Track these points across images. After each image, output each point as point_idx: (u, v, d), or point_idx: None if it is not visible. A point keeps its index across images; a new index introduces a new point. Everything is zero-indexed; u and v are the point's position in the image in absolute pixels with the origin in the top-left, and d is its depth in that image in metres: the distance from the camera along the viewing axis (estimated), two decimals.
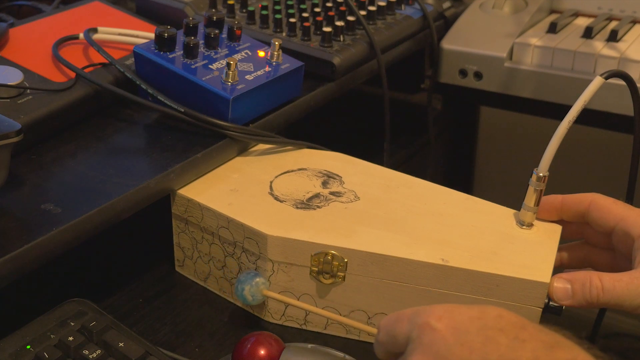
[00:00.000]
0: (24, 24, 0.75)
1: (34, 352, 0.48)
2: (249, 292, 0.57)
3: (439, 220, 0.59)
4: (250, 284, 0.57)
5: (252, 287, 0.57)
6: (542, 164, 0.57)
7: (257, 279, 0.57)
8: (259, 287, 0.57)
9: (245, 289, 0.57)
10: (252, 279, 0.57)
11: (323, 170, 0.66)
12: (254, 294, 0.57)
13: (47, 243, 0.50)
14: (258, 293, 0.57)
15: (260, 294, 0.57)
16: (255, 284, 0.57)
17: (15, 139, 0.53)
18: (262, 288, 0.57)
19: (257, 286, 0.57)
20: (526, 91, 0.91)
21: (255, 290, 0.57)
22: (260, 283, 0.57)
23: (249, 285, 0.57)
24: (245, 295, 0.57)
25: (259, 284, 0.57)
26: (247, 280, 0.57)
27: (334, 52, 0.78)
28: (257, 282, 0.57)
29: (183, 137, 0.65)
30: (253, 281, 0.57)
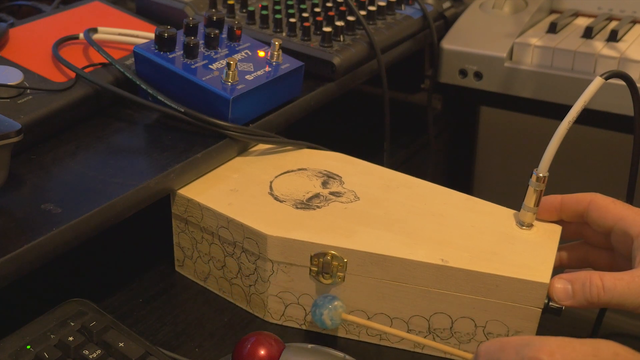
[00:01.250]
0: (24, 24, 0.75)
1: (34, 352, 0.48)
2: (327, 316, 0.55)
3: (438, 221, 0.59)
4: (328, 307, 0.55)
5: (331, 311, 0.55)
6: (542, 165, 0.57)
7: (335, 302, 0.56)
8: (337, 311, 0.55)
9: (324, 313, 0.55)
10: (330, 302, 0.55)
11: (323, 170, 0.66)
12: (333, 318, 0.55)
13: (47, 243, 0.50)
14: (337, 317, 0.55)
15: (339, 318, 0.56)
16: (333, 307, 0.55)
17: (15, 139, 0.53)
18: (340, 311, 0.55)
19: (335, 310, 0.55)
20: (526, 91, 0.91)
21: (334, 314, 0.55)
22: (338, 306, 0.55)
23: (327, 310, 0.55)
24: (324, 320, 0.55)
25: (337, 308, 0.55)
26: (325, 304, 0.55)
27: (334, 52, 0.78)
28: (335, 305, 0.55)
29: (183, 137, 0.65)
30: (331, 305, 0.55)
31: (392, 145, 0.88)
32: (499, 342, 0.41)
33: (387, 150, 0.87)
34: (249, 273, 0.60)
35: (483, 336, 0.56)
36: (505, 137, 1.24)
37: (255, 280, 0.60)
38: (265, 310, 0.60)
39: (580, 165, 1.15)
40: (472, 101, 1.10)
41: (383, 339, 0.59)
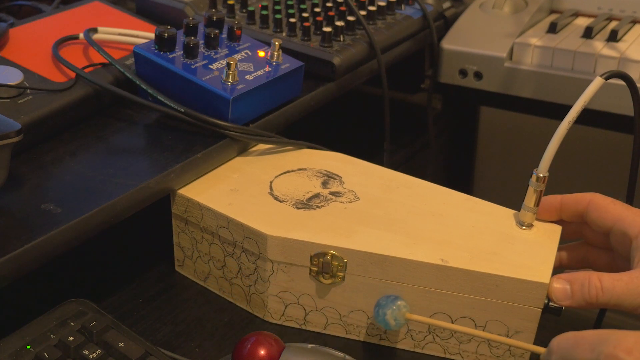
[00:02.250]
0: (24, 24, 0.76)
1: (34, 352, 0.48)
2: (391, 316, 0.54)
3: (438, 221, 0.59)
4: (392, 307, 0.54)
5: (394, 311, 0.54)
6: (541, 165, 0.57)
7: (398, 302, 0.54)
8: (401, 311, 0.54)
9: (387, 313, 0.54)
10: (393, 302, 0.54)
11: (323, 170, 0.66)
12: (397, 318, 0.54)
13: (47, 243, 0.50)
14: (401, 317, 0.54)
15: (404, 318, 0.54)
16: (397, 307, 0.54)
17: (15, 139, 0.53)
18: (404, 311, 0.54)
19: (399, 309, 0.54)
20: (526, 91, 0.91)
21: (397, 314, 0.54)
22: (402, 306, 0.54)
23: (390, 310, 0.54)
24: (387, 320, 0.54)
25: (400, 307, 0.54)
26: (388, 304, 0.54)
27: (334, 52, 0.78)
28: (398, 305, 0.54)
29: (183, 137, 0.65)
30: (394, 305, 0.54)
31: (392, 145, 0.88)
32: (573, 338, 0.40)
33: (387, 150, 0.87)
34: (249, 273, 0.60)
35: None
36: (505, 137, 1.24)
37: (255, 280, 0.60)
38: (265, 310, 0.60)
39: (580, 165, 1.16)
40: (472, 101, 1.10)
41: (383, 339, 0.59)
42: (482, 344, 0.57)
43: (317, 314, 0.59)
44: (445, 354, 0.58)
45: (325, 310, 0.59)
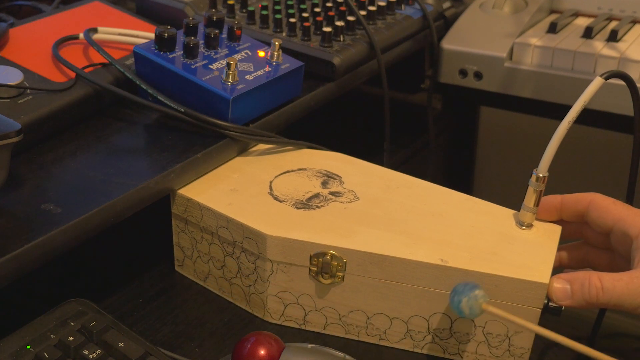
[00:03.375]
0: (24, 24, 0.76)
1: (34, 352, 0.48)
2: (466, 305, 0.52)
3: (438, 221, 0.59)
4: (469, 295, 0.52)
5: (471, 299, 0.52)
6: (541, 165, 0.57)
7: (476, 291, 0.52)
8: (477, 300, 0.52)
9: (463, 301, 0.52)
10: (471, 290, 0.52)
11: (323, 170, 0.66)
12: (472, 307, 0.52)
13: (47, 243, 0.50)
14: (477, 307, 0.52)
15: (479, 308, 0.52)
16: (474, 296, 0.52)
17: (15, 139, 0.53)
18: (481, 301, 0.52)
19: (475, 299, 0.52)
20: (526, 91, 0.91)
21: (474, 303, 0.52)
22: (479, 296, 0.52)
23: (467, 297, 0.52)
24: (462, 308, 0.52)
25: (477, 297, 0.52)
26: (465, 292, 0.52)
27: (334, 52, 0.78)
28: (476, 294, 0.52)
29: (183, 137, 0.65)
30: (472, 293, 0.52)
31: (392, 145, 0.88)
32: None
33: (387, 150, 0.87)
34: (249, 273, 0.60)
35: (482, 336, 0.56)
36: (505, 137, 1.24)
37: (254, 280, 0.60)
38: (265, 310, 0.60)
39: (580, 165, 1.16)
40: (472, 101, 1.10)
41: (382, 339, 0.59)
42: (481, 344, 0.57)
43: (317, 314, 0.59)
44: (444, 354, 0.58)
45: (324, 310, 0.59)
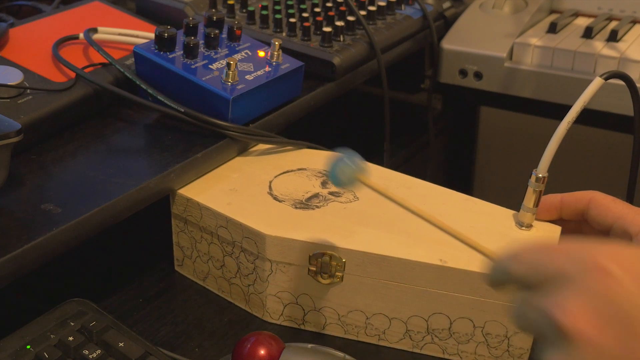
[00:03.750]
0: (24, 24, 0.76)
1: (34, 352, 0.48)
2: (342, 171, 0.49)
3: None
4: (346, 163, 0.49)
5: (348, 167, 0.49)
6: (541, 165, 0.57)
7: (357, 160, 0.49)
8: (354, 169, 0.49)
9: (341, 166, 0.49)
10: (350, 159, 0.49)
11: (322, 170, 0.66)
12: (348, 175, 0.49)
13: (47, 243, 0.51)
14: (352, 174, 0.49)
15: (354, 177, 0.49)
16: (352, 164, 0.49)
17: (15, 139, 0.53)
18: (357, 171, 0.49)
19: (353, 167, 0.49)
20: (526, 91, 0.91)
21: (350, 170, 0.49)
22: (357, 164, 0.49)
23: (344, 165, 0.49)
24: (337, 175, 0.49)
25: (356, 165, 0.49)
26: (343, 160, 0.49)
27: (334, 52, 0.78)
28: (356, 162, 0.49)
29: (183, 137, 0.65)
30: (350, 161, 0.49)
31: (392, 145, 0.88)
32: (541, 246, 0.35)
33: (387, 150, 0.87)
34: (248, 273, 0.60)
35: (482, 337, 0.56)
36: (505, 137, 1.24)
37: (254, 280, 0.60)
38: (264, 310, 0.60)
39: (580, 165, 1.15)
40: (472, 101, 1.10)
41: (382, 339, 0.59)
42: (481, 345, 0.57)
43: (316, 314, 0.59)
44: (444, 355, 0.58)
45: (323, 310, 0.59)
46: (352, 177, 0.50)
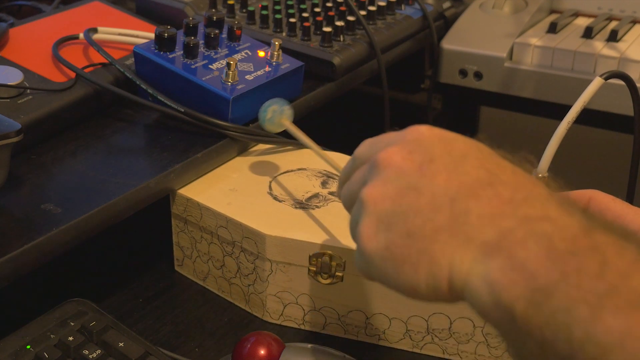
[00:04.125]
0: (24, 24, 0.76)
1: (34, 352, 0.48)
2: (271, 110, 0.61)
3: None
4: (277, 106, 0.61)
5: (277, 110, 0.61)
6: (541, 165, 0.57)
7: (285, 106, 0.61)
8: (281, 113, 0.61)
9: (272, 107, 0.61)
10: (282, 104, 0.61)
11: (322, 170, 0.67)
12: (274, 116, 0.61)
13: (47, 243, 0.51)
14: (277, 117, 0.61)
15: (279, 120, 0.61)
16: (280, 109, 0.61)
17: (15, 139, 0.53)
18: (283, 115, 0.61)
19: (281, 112, 0.61)
20: (526, 91, 0.91)
21: (277, 114, 0.61)
22: (285, 110, 0.61)
23: (276, 106, 0.61)
24: (266, 110, 0.61)
25: (283, 111, 0.61)
26: (276, 102, 0.61)
27: (334, 52, 0.78)
28: (283, 108, 0.61)
29: (183, 137, 0.65)
30: (282, 106, 0.61)
31: None
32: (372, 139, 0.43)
33: None
34: (248, 273, 0.60)
35: (482, 337, 0.56)
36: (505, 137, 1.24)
37: (254, 280, 0.60)
38: (264, 309, 0.60)
39: (580, 165, 1.15)
40: (472, 101, 1.10)
41: (382, 339, 0.59)
42: (481, 345, 0.57)
43: (316, 313, 0.59)
44: (444, 355, 0.58)
45: (323, 310, 0.59)
46: (279, 120, 0.61)
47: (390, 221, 0.36)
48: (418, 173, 0.36)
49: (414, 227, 0.35)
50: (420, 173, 0.36)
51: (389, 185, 0.37)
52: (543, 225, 0.32)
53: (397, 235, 0.36)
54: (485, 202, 0.34)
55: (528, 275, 0.31)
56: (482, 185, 0.35)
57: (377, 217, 0.37)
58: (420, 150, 0.37)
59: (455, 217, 0.34)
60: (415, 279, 0.35)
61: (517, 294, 0.31)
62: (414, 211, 0.35)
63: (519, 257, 0.32)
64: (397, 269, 0.36)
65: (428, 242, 0.35)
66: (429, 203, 0.35)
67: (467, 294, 0.34)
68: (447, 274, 0.34)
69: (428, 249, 0.35)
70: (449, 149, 0.38)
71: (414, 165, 0.37)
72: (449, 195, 0.35)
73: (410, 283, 0.36)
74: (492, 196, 0.34)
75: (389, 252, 0.36)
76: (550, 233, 0.32)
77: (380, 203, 0.37)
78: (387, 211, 0.37)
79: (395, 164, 0.37)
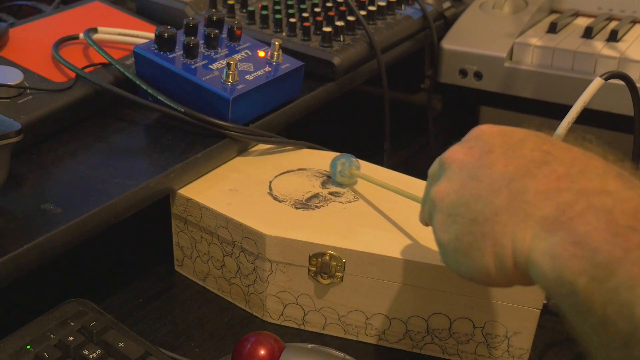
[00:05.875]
0: (24, 24, 0.76)
1: (34, 352, 0.48)
2: (340, 164, 0.63)
3: None
4: (344, 160, 0.63)
5: (345, 163, 0.63)
6: None
7: (352, 159, 0.63)
8: (350, 166, 0.63)
9: (340, 161, 0.63)
10: (349, 158, 0.63)
11: (323, 170, 0.67)
12: (343, 170, 0.63)
13: (47, 243, 0.51)
14: (346, 170, 0.63)
15: (349, 172, 0.63)
16: (349, 161, 0.63)
17: (15, 139, 0.53)
18: (352, 167, 0.63)
19: (349, 164, 0.63)
20: (526, 91, 0.91)
21: (346, 166, 0.63)
22: (353, 162, 0.63)
23: (344, 159, 0.63)
24: (335, 164, 0.63)
25: (352, 162, 0.63)
26: (344, 157, 0.63)
27: (334, 52, 0.78)
28: (351, 160, 0.63)
29: (183, 137, 0.65)
30: (349, 159, 0.63)
31: (392, 146, 0.88)
32: None
33: (387, 150, 0.87)
34: (248, 273, 0.60)
35: (482, 337, 0.57)
36: None
37: (254, 280, 0.60)
38: (264, 310, 0.60)
39: None
40: (472, 101, 1.10)
41: (382, 339, 0.59)
42: (481, 345, 0.57)
43: (316, 314, 0.59)
44: (444, 355, 0.58)
45: (323, 311, 0.59)
46: (348, 171, 0.63)
47: (456, 212, 0.38)
48: (478, 163, 0.38)
49: (476, 213, 0.37)
50: (480, 163, 0.38)
51: (453, 180, 0.39)
52: (602, 199, 0.33)
53: (463, 224, 0.38)
54: (541, 179, 0.35)
55: (589, 251, 0.31)
56: (537, 165, 0.36)
57: (445, 211, 0.39)
58: (480, 144, 0.40)
59: (513, 197, 0.35)
60: (484, 263, 0.37)
61: (579, 269, 0.32)
62: (475, 198, 0.37)
63: (580, 231, 0.32)
64: (468, 256, 0.38)
65: (490, 225, 0.36)
66: (488, 188, 0.37)
67: (531, 270, 0.35)
68: (511, 253, 0.35)
69: (491, 231, 0.36)
70: (507, 139, 0.39)
71: (474, 158, 0.39)
72: (506, 178, 0.36)
73: (481, 268, 0.37)
74: (547, 173, 0.35)
75: (459, 241, 0.38)
76: (610, 207, 0.32)
77: (446, 197, 0.39)
78: (452, 203, 0.39)
79: (458, 159, 0.40)
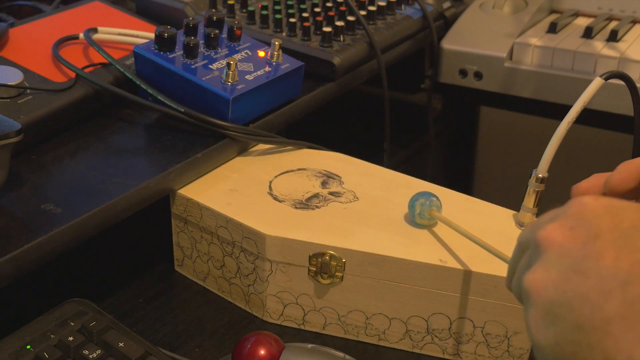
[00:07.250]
0: (24, 24, 0.76)
1: (34, 352, 0.48)
2: (419, 205, 0.58)
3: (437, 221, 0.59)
4: (424, 199, 0.58)
5: (425, 204, 0.58)
6: (541, 165, 0.57)
7: (432, 198, 0.58)
8: (431, 206, 0.58)
9: (419, 201, 0.58)
10: (428, 197, 0.58)
11: (323, 170, 0.67)
12: (422, 211, 0.58)
13: (47, 243, 0.51)
14: (426, 211, 0.58)
15: (428, 213, 0.58)
16: (428, 202, 0.58)
17: (15, 139, 0.53)
18: (433, 208, 0.58)
19: (429, 205, 0.58)
20: (526, 91, 0.91)
21: (426, 207, 0.58)
22: (433, 202, 0.58)
23: (423, 199, 0.58)
24: (415, 205, 0.58)
25: (432, 203, 0.58)
26: (424, 196, 0.58)
27: (334, 52, 0.78)
28: (431, 200, 0.58)
29: (183, 137, 0.65)
30: (428, 199, 0.58)
31: (392, 145, 0.88)
32: None
33: (387, 150, 0.87)
34: (248, 273, 0.60)
35: (482, 337, 0.57)
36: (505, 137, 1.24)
37: (254, 280, 0.60)
38: (264, 310, 0.60)
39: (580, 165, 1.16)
40: (472, 101, 1.11)
41: (382, 339, 0.59)
42: (481, 345, 0.57)
43: (316, 314, 0.59)
44: (444, 355, 0.58)
45: (323, 311, 0.59)
46: (428, 212, 0.58)
47: (556, 312, 0.33)
48: (582, 252, 0.32)
49: (582, 318, 0.31)
50: (584, 252, 0.32)
51: (551, 270, 0.33)
52: None
53: (565, 329, 0.32)
54: None
55: None
56: None
57: (542, 309, 0.33)
58: (583, 224, 0.33)
59: (629, 305, 0.30)
60: None
61: None
62: (580, 299, 0.32)
63: None
64: None
65: (600, 336, 0.31)
66: (596, 288, 0.31)
67: None
68: None
69: (600, 343, 0.31)
70: (617, 222, 0.33)
71: (577, 243, 0.33)
72: (619, 278, 0.31)
73: None
74: None
75: (560, 348, 0.32)
76: None
77: (544, 291, 0.33)
78: (552, 301, 0.33)
79: (556, 242, 0.34)
